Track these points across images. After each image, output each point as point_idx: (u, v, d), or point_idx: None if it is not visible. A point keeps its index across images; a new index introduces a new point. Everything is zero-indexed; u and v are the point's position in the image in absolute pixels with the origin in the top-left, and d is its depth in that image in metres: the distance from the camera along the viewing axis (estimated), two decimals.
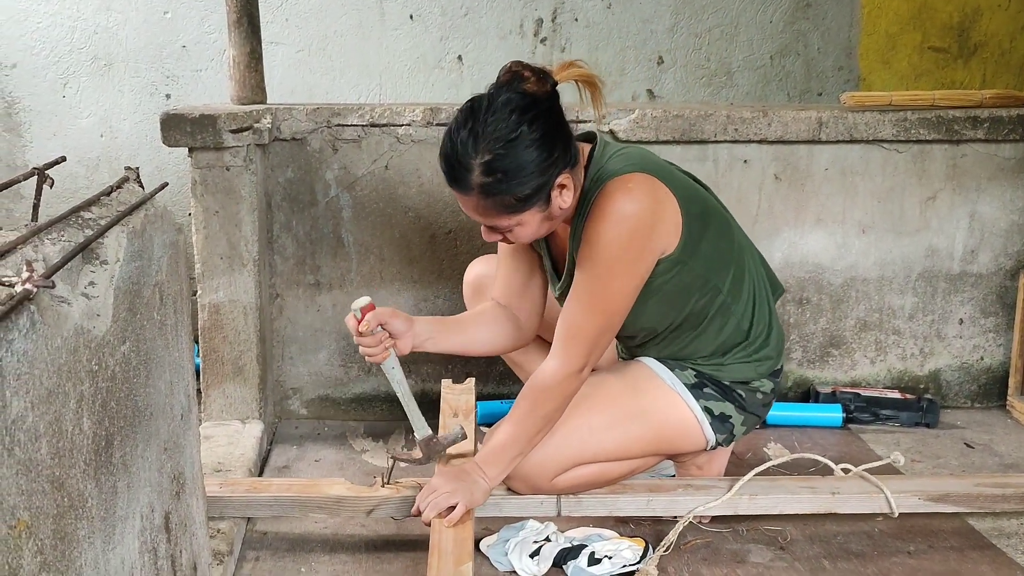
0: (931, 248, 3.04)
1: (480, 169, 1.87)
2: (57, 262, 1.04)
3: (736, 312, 2.16)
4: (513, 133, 1.85)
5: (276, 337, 2.92)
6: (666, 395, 2.16)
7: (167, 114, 2.57)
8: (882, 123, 2.91)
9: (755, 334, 2.19)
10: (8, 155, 3.69)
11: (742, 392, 2.18)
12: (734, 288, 2.15)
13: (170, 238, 1.49)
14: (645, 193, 1.96)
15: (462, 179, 1.90)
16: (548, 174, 1.89)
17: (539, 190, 1.90)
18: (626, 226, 1.94)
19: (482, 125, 1.87)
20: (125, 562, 1.21)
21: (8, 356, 0.88)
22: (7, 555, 0.87)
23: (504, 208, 1.91)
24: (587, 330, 2.00)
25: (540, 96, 1.89)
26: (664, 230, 2.00)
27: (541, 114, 1.88)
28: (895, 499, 2.20)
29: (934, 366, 3.11)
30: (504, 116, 1.86)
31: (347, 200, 2.86)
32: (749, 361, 2.18)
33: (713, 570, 2.11)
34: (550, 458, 2.09)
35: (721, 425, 2.17)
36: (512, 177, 1.87)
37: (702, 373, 2.17)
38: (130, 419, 1.24)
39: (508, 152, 1.85)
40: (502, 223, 1.95)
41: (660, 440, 2.17)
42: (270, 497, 2.14)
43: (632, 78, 3.93)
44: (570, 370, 2.01)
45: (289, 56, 3.73)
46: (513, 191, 1.88)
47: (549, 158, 1.88)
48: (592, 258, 1.97)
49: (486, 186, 1.88)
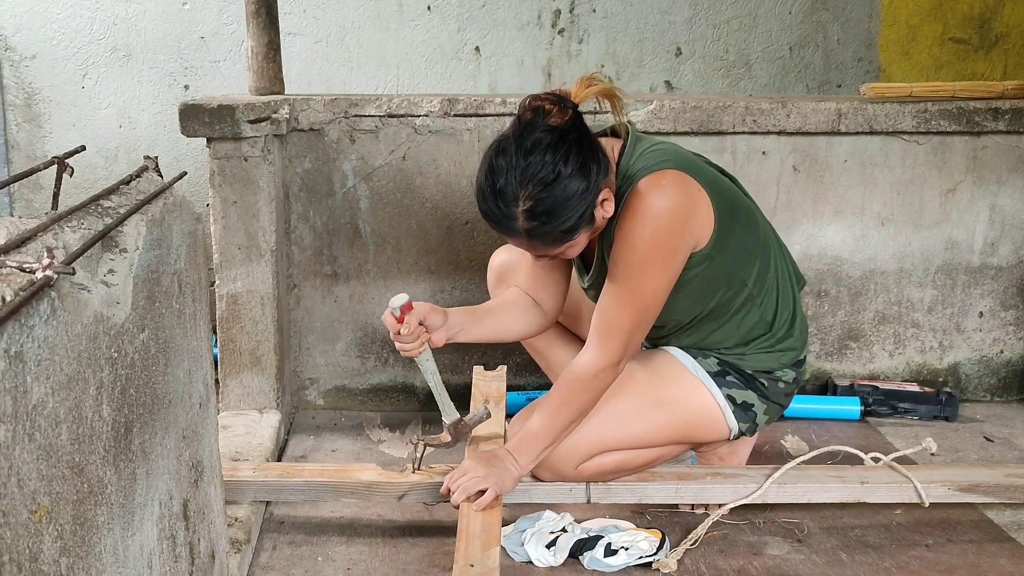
0: (951, 240, 3.02)
1: (524, 216, 1.88)
2: (77, 249, 1.04)
3: (760, 304, 2.17)
4: (551, 175, 1.85)
5: (293, 327, 2.93)
6: (690, 383, 2.16)
7: (186, 104, 2.58)
8: (902, 114, 2.89)
9: (778, 325, 2.20)
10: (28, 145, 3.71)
11: (764, 381, 2.19)
12: (759, 281, 2.16)
13: (189, 227, 1.50)
14: (678, 190, 1.97)
15: (508, 227, 1.92)
16: (589, 200, 1.90)
17: (584, 216, 1.91)
18: (661, 224, 1.95)
19: (518, 171, 1.86)
20: (144, 549, 1.22)
21: (29, 342, 0.88)
22: (28, 540, 0.88)
23: (555, 242, 1.94)
24: (623, 325, 2.01)
25: (566, 127, 1.87)
26: (697, 225, 2.01)
27: (571, 145, 1.87)
28: (924, 489, 2.19)
29: (953, 359, 3.09)
30: (537, 159, 1.85)
31: (364, 191, 2.87)
32: (771, 351, 2.19)
33: (730, 562, 2.10)
34: (575, 445, 2.09)
35: (744, 413, 2.18)
36: (557, 216, 1.88)
37: (725, 361, 2.18)
38: (149, 407, 1.25)
39: (549, 194, 1.86)
40: (552, 252, 1.99)
41: (684, 428, 2.17)
42: (302, 482, 2.16)
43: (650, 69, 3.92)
44: (606, 363, 2.02)
45: (307, 47, 3.74)
46: (559, 227, 1.90)
47: (588, 186, 1.88)
48: (627, 256, 1.98)
49: (532, 230, 1.90)
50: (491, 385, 2.65)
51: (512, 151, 1.87)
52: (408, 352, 2.15)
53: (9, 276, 0.89)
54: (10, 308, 0.84)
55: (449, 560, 2.04)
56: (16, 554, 0.85)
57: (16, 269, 0.90)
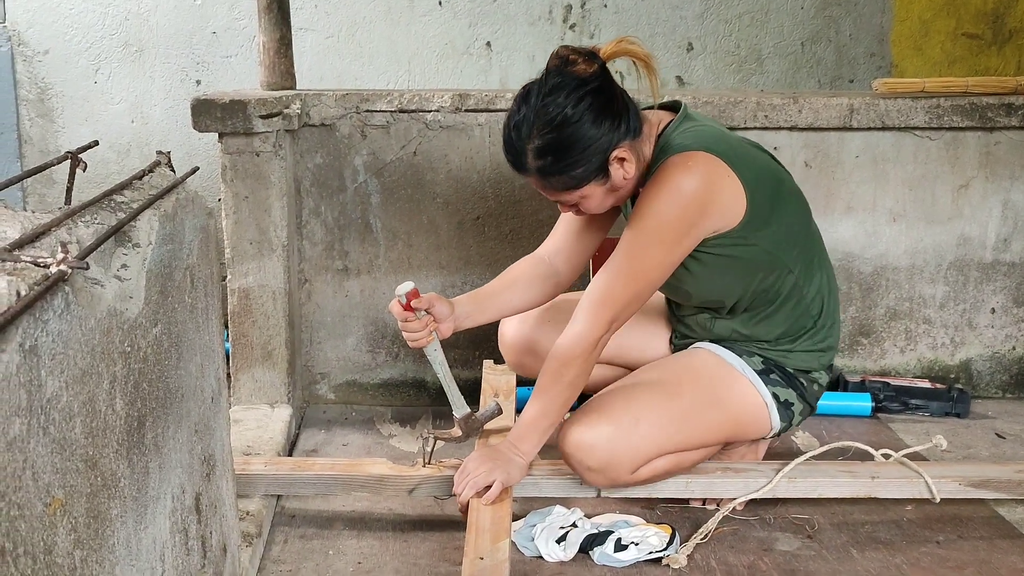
0: (963, 237, 3.01)
1: (533, 153, 1.94)
2: (91, 244, 1.05)
3: (807, 296, 2.18)
4: (560, 115, 1.91)
5: (304, 322, 2.94)
6: (738, 381, 2.17)
7: (197, 100, 2.58)
8: (914, 110, 2.88)
9: (822, 322, 2.21)
10: (41, 140, 3.73)
11: (803, 381, 2.21)
12: (806, 271, 2.17)
13: (201, 222, 1.50)
14: (704, 173, 1.98)
15: (520, 163, 1.98)
16: (601, 151, 1.94)
17: (594, 167, 1.95)
18: (679, 202, 1.97)
19: (532, 111, 1.93)
20: (156, 542, 1.23)
21: (43, 336, 0.89)
22: (42, 532, 0.88)
23: (564, 186, 1.98)
24: (619, 295, 2.01)
25: (588, 77, 1.92)
26: (718, 210, 2.01)
27: (589, 94, 1.92)
28: (935, 484, 2.19)
29: (965, 356, 3.08)
30: (552, 100, 1.91)
31: (375, 186, 2.87)
32: (814, 350, 2.21)
33: (740, 558, 2.10)
34: (635, 449, 2.06)
35: (785, 412, 2.19)
36: (563, 158, 1.93)
37: (768, 359, 2.19)
38: (162, 400, 1.25)
39: (557, 135, 1.91)
40: (566, 198, 2.02)
41: (735, 427, 2.18)
42: (313, 476, 2.18)
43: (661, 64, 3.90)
44: (594, 336, 2.01)
45: (318, 42, 3.74)
46: (566, 171, 1.94)
47: (598, 136, 1.92)
48: (639, 226, 2.00)
49: (541, 168, 1.95)
50: (501, 379, 2.66)
51: (534, 93, 1.95)
52: (416, 342, 2.15)
53: (23, 271, 0.89)
54: (24, 302, 0.84)
55: (459, 554, 2.04)
56: (31, 546, 0.86)
57: (30, 264, 0.91)
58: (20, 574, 0.84)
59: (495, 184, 2.88)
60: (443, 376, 2.22)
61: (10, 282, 0.84)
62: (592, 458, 2.05)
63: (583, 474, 2.09)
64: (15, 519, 0.83)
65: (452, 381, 2.24)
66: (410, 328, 2.14)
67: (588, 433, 2.06)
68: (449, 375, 2.23)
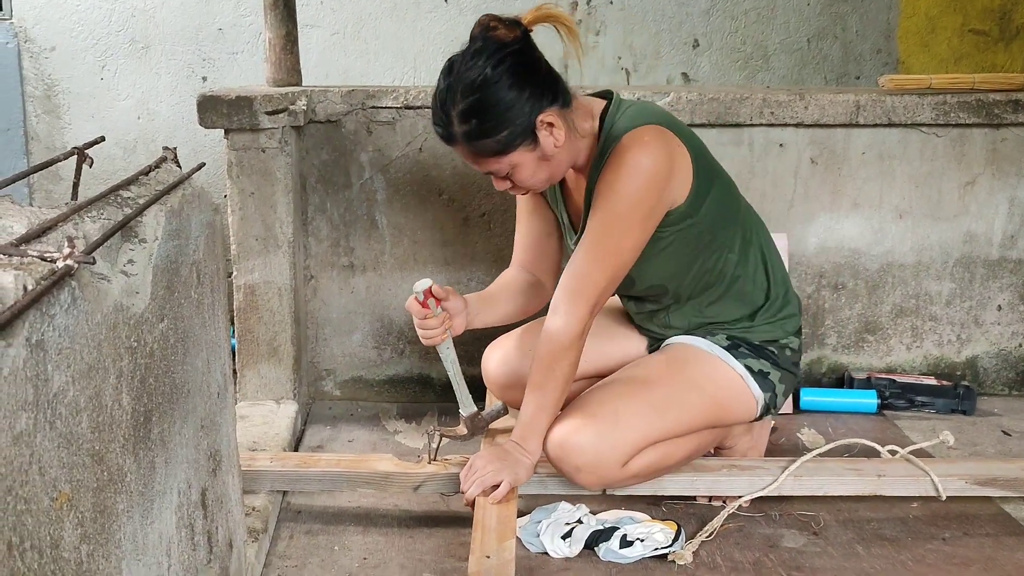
0: (969, 233, 3.00)
1: (458, 119, 1.95)
2: (97, 239, 1.05)
3: (749, 272, 2.19)
4: (480, 77, 1.91)
5: (310, 318, 2.94)
6: (710, 361, 2.17)
7: (204, 96, 2.59)
8: (921, 107, 2.87)
9: (773, 294, 2.22)
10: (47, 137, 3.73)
11: (773, 349, 2.21)
12: (744, 246, 2.18)
13: (207, 218, 1.51)
14: (660, 146, 2.00)
15: (448, 133, 1.99)
16: (525, 112, 1.94)
17: (519, 129, 1.94)
18: (642, 179, 1.98)
19: (455, 77, 1.94)
20: (163, 537, 1.23)
21: (50, 330, 0.89)
22: (49, 527, 0.89)
23: (491, 152, 1.97)
24: (595, 281, 2.02)
25: (509, 41, 1.94)
26: (676, 183, 2.03)
27: (508, 56, 1.93)
28: (941, 482, 2.19)
29: (971, 353, 3.08)
30: (473, 63, 1.93)
31: (381, 182, 2.87)
32: (775, 321, 2.22)
33: (746, 554, 2.10)
34: (619, 442, 2.06)
35: (764, 382, 2.18)
36: (486, 120, 1.93)
37: (733, 336, 2.20)
38: (168, 396, 1.26)
39: (478, 96, 1.92)
40: (495, 167, 2.01)
41: (716, 406, 2.17)
42: (319, 472, 2.18)
43: (667, 61, 3.91)
44: (578, 324, 2.02)
45: (324, 39, 3.75)
46: (492, 134, 1.94)
47: (522, 96, 1.93)
48: (606, 209, 2.00)
49: (467, 134, 1.95)
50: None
51: (457, 62, 1.96)
52: (431, 339, 2.16)
53: (30, 265, 0.90)
54: (31, 297, 0.85)
55: (465, 550, 2.04)
56: (37, 540, 0.86)
57: (37, 258, 0.91)
58: (27, 568, 0.84)
59: None
60: (453, 374, 2.22)
61: (17, 276, 0.85)
62: (579, 457, 2.05)
63: (573, 476, 2.08)
64: (22, 513, 0.83)
65: (462, 380, 2.24)
66: (427, 325, 2.14)
67: (572, 434, 2.05)
68: (459, 374, 2.23)
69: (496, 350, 2.43)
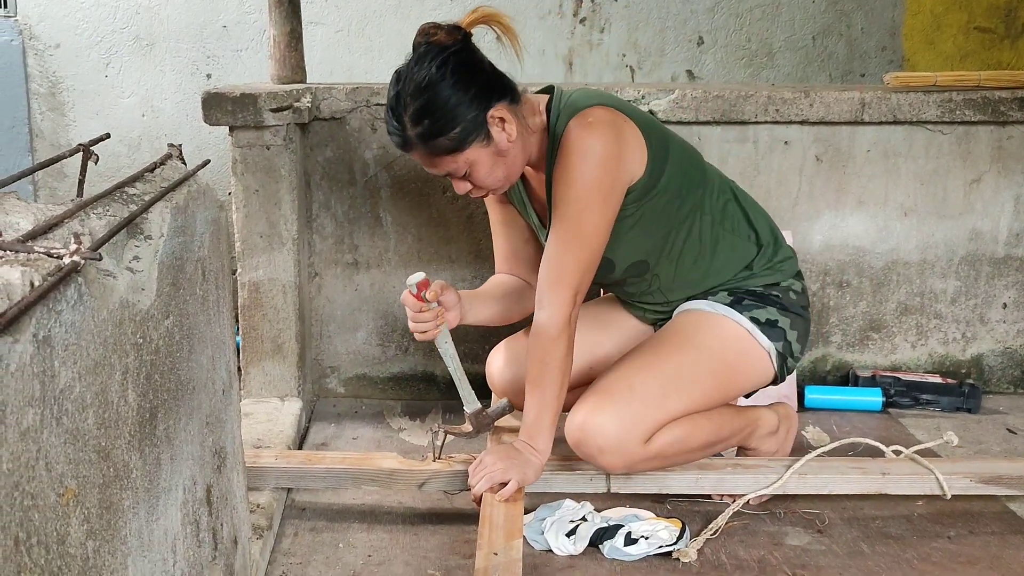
0: (975, 231, 2.99)
1: (410, 122, 1.97)
2: (103, 236, 1.05)
3: (732, 227, 2.21)
4: (425, 79, 1.95)
5: (315, 316, 2.94)
6: (713, 319, 2.18)
7: (208, 93, 2.59)
8: (926, 104, 2.87)
9: (765, 240, 2.24)
10: (52, 134, 3.73)
11: (776, 293, 2.22)
12: (718, 205, 2.20)
13: (212, 215, 1.51)
14: (607, 124, 2.02)
15: (404, 139, 2.01)
16: (475, 108, 1.96)
17: (471, 124, 1.97)
18: (594, 159, 2.00)
19: (403, 84, 1.98)
20: (168, 533, 1.23)
21: (57, 327, 0.89)
22: (56, 522, 0.89)
23: (446, 150, 1.99)
24: (571, 268, 2.03)
25: (449, 44, 1.97)
26: (630, 157, 2.05)
27: (452, 55, 1.96)
28: (946, 480, 2.18)
29: (976, 351, 3.07)
30: (418, 69, 1.96)
31: (385, 179, 2.87)
32: (772, 266, 2.23)
33: (750, 552, 2.10)
34: (640, 417, 2.05)
35: (772, 331, 2.17)
36: (438, 119, 1.95)
37: (734, 290, 2.21)
38: (173, 392, 1.26)
39: (427, 97, 1.95)
40: (452, 166, 2.02)
41: (728, 368, 2.16)
42: (323, 469, 2.18)
43: (672, 59, 3.90)
44: (564, 313, 2.03)
45: (328, 36, 3.75)
46: (445, 131, 1.96)
47: (469, 93, 1.96)
48: (566, 196, 2.02)
49: (420, 136, 1.97)
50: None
51: (403, 70, 2.00)
52: (425, 334, 2.16)
53: (37, 262, 0.90)
54: (38, 293, 0.85)
55: (469, 548, 2.05)
56: (44, 536, 0.86)
57: (44, 255, 0.91)
58: (33, 564, 0.84)
59: None
60: (454, 370, 2.22)
61: (24, 273, 0.85)
62: (600, 438, 2.04)
63: (597, 458, 2.07)
64: (28, 509, 0.83)
65: (463, 375, 2.24)
66: (421, 319, 2.14)
67: (590, 415, 2.05)
68: (460, 369, 2.23)
69: (499, 354, 2.44)
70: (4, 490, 0.79)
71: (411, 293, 2.13)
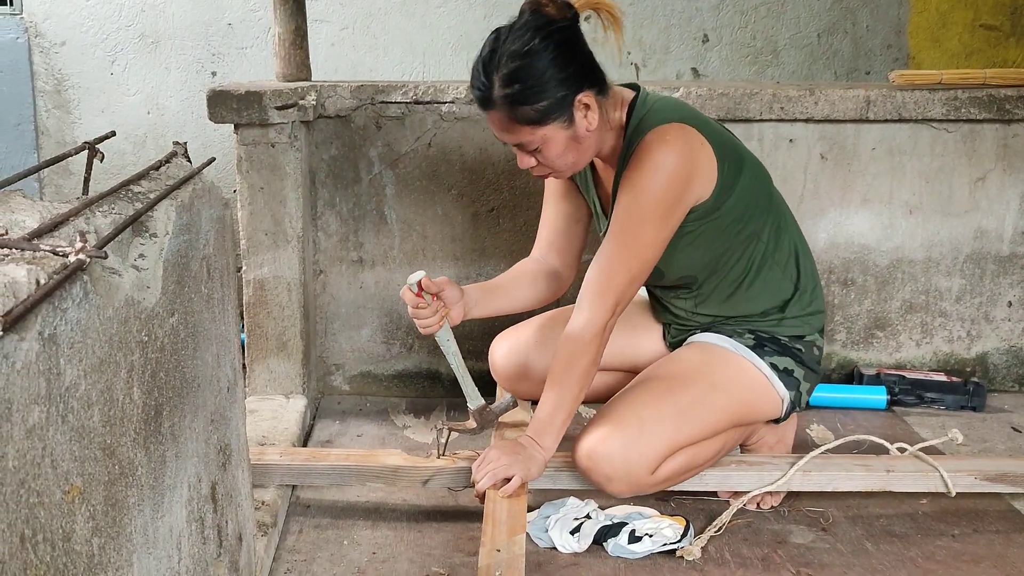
0: (980, 229, 2.99)
1: (500, 83, 1.95)
2: (109, 234, 1.05)
3: (780, 261, 2.20)
4: (527, 46, 1.93)
5: (319, 313, 2.95)
6: (733, 360, 2.18)
7: (213, 91, 2.59)
8: (932, 102, 2.87)
9: (803, 285, 2.23)
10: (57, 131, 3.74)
11: (800, 347, 2.21)
12: (774, 236, 2.19)
13: (217, 213, 1.51)
14: (683, 144, 2.01)
15: (486, 96, 1.98)
16: (566, 88, 1.95)
17: (559, 102, 1.95)
18: (663, 177, 1.99)
19: (502, 44, 1.96)
20: (173, 530, 1.24)
21: (62, 324, 0.89)
22: (61, 519, 0.89)
23: (527, 120, 1.97)
24: (619, 278, 2.03)
25: (558, 19, 1.96)
26: (699, 179, 2.04)
27: (556, 32, 1.95)
28: (951, 478, 2.18)
29: (981, 349, 3.07)
30: (521, 34, 1.94)
31: (390, 177, 2.87)
32: (803, 315, 2.22)
33: (754, 550, 2.10)
34: (647, 448, 2.05)
35: (788, 379, 2.18)
36: (530, 87, 1.94)
37: (759, 333, 2.20)
38: (178, 390, 1.26)
39: (525, 63, 1.93)
40: (527, 138, 2.00)
41: (742, 407, 2.17)
42: (328, 466, 2.19)
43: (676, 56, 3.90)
44: (601, 322, 2.03)
45: (333, 34, 3.75)
46: (532, 101, 1.94)
47: (565, 72, 1.95)
48: (629, 207, 2.01)
49: (507, 97, 1.95)
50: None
51: (504, 31, 1.98)
52: (427, 328, 2.16)
53: (42, 259, 0.90)
54: (44, 291, 0.85)
55: (473, 545, 2.05)
56: (50, 533, 0.86)
57: (49, 253, 0.91)
58: (39, 560, 0.84)
59: (509, 176, 2.88)
60: (456, 367, 2.23)
61: (30, 271, 0.85)
62: (608, 467, 2.04)
63: (605, 486, 2.07)
64: (34, 506, 0.84)
65: (466, 372, 2.24)
66: (421, 315, 2.14)
67: (599, 444, 2.05)
68: (463, 366, 2.23)
69: (502, 342, 2.44)
70: (10, 487, 0.79)
71: (411, 290, 2.13)
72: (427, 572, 2.00)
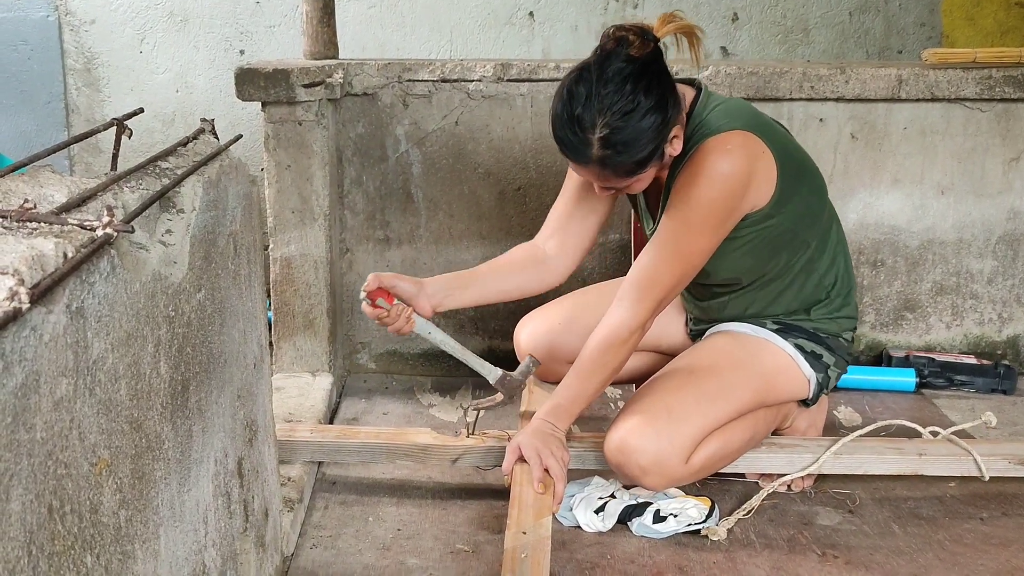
0: (1013, 210, 2.95)
1: (599, 144, 1.87)
2: (136, 208, 1.06)
3: (820, 268, 2.18)
4: (630, 105, 1.85)
5: (346, 291, 2.95)
6: (756, 341, 2.18)
7: (241, 69, 2.59)
8: (965, 81, 2.82)
9: (835, 293, 2.20)
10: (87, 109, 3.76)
11: (826, 336, 2.20)
12: (820, 245, 2.17)
13: (244, 189, 1.51)
14: (743, 154, 1.97)
15: (581, 153, 1.91)
16: (663, 135, 1.90)
17: (656, 149, 1.91)
18: (721, 187, 1.96)
19: (597, 99, 1.86)
20: (200, 504, 1.25)
21: (90, 298, 0.90)
22: (89, 492, 0.90)
23: (624, 173, 1.93)
24: (664, 280, 2.01)
25: (647, 59, 1.88)
26: (756, 190, 2.01)
27: (652, 77, 1.87)
28: (984, 462, 2.16)
29: (1013, 332, 3.03)
30: (617, 87, 1.85)
31: (417, 156, 2.87)
32: (831, 318, 2.21)
33: (780, 531, 2.09)
34: (678, 436, 2.03)
35: (816, 363, 2.17)
36: (631, 147, 1.87)
37: (784, 323, 2.19)
38: (205, 365, 1.27)
39: (626, 124, 1.85)
40: (620, 184, 1.98)
41: (765, 382, 2.15)
42: (358, 444, 2.21)
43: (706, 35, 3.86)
44: (640, 320, 2.02)
45: (361, 12, 3.74)
46: (633, 159, 1.89)
47: (664, 121, 1.89)
48: (682, 212, 1.99)
49: (605, 158, 1.89)
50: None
51: (592, 79, 1.87)
52: (400, 331, 2.15)
53: (71, 233, 0.90)
54: (72, 264, 0.85)
55: (498, 523, 2.05)
56: (77, 504, 0.87)
57: (77, 227, 0.92)
58: (67, 531, 0.85)
59: (536, 154, 2.87)
60: (454, 351, 2.22)
61: (57, 244, 0.85)
62: (642, 458, 2.02)
63: (640, 479, 2.05)
64: (62, 477, 0.84)
65: (466, 351, 2.24)
66: (386, 322, 2.14)
67: (629, 437, 2.03)
68: (459, 347, 2.23)
69: (529, 323, 2.44)
70: (38, 458, 0.80)
71: (367, 305, 2.12)
72: (452, 549, 2.01)
